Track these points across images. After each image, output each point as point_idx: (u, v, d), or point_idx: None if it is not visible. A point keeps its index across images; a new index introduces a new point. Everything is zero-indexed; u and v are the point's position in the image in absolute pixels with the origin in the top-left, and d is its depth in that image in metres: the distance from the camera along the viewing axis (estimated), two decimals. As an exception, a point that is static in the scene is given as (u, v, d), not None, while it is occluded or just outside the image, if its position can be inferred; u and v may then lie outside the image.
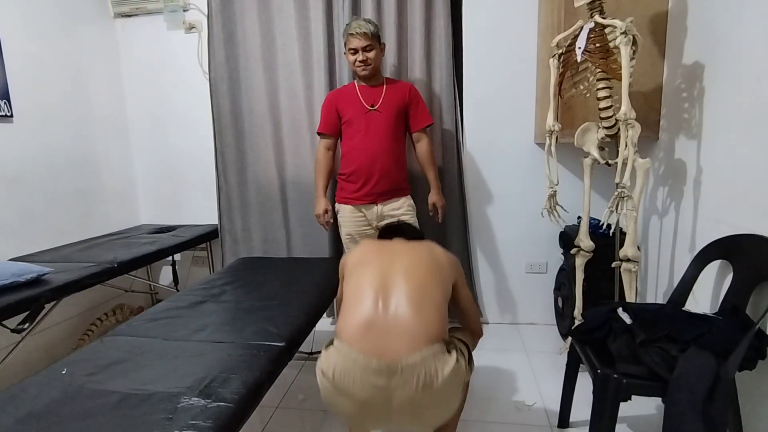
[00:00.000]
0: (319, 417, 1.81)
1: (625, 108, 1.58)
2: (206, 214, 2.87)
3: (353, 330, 1.12)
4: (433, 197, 2.18)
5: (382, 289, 1.17)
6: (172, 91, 2.82)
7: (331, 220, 2.20)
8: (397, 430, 1.62)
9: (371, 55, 2.01)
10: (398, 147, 2.13)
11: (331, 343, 1.18)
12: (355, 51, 2.00)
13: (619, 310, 1.46)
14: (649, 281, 2.15)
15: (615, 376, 1.28)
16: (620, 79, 1.60)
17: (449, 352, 1.12)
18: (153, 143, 2.91)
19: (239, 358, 1.23)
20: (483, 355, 2.25)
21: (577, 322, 1.98)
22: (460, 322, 1.43)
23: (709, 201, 1.65)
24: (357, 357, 1.08)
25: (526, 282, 2.58)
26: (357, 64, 2.02)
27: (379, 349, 1.08)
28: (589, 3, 1.68)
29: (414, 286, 1.16)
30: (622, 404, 1.28)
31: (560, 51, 1.84)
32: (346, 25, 2.05)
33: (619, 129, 1.65)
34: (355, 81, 2.15)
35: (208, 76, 2.61)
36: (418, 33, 2.36)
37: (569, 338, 1.67)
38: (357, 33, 1.96)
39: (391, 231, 1.49)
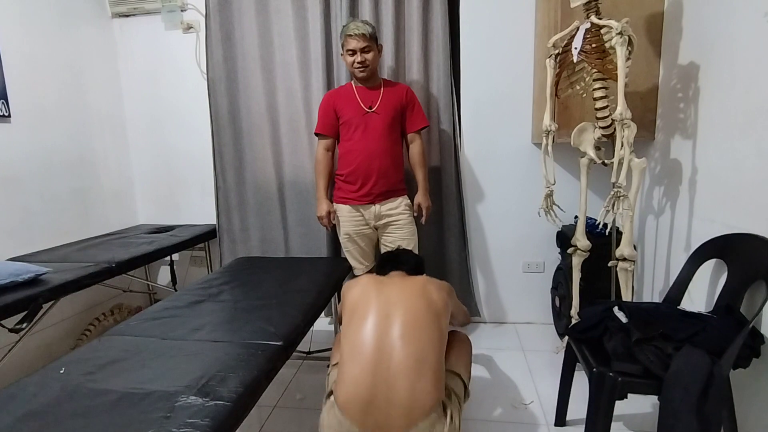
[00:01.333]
0: (317, 416, 1.81)
1: (621, 108, 1.59)
2: (204, 214, 2.87)
3: (350, 399, 1.14)
4: (420, 198, 2.18)
5: (379, 352, 1.17)
6: (169, 91, 2.82)
7: (334, 221, 2.20)
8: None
9: (369, 56, 2.01)
10: (396, 148, 2.14)
11: (330, 395, 1.23)
12: (353, 52, 2.00)
13: (615, 309, 1.47)
14: (645, 280, 2.16)
15: (611, 374, 1.29)
16: (616, 80, 1.61)
17: (444, 413, 1.15)
18: (151, 143, 2.91)
19: (237, 357, 1.23)
20: (480, 354, 2.27)
21: (573, 321, 1.99)
22: (452, 321, 1.45)
23: (704, 201, 1.66)
24: (352, 430, 1.13)
25: (523, 281, 2.59)
26: (355, 65, 2.02)
27: (375, 425, 1.12)
28: (585, 4, 1.69)
29: (412, 352, 1.16)
30: (617, 402, 1.29)
31: (557, 51, 1.85)
32: (344, 26, 2.05)
33: (615, 129, 1.66)
34: (353, 82, 2.15)
35: (206, 76, 2.62)
36: (415, 34, 2.36)
37: (566, 337, 1.69)
38: (355, 34, 1.97)
39: (390, 262, 1.53)
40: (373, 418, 1.12)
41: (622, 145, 1.62)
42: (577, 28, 1.74)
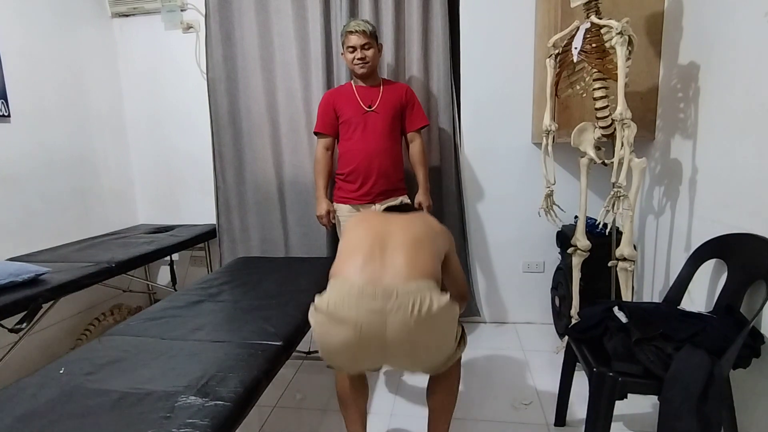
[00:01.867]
0: (317, 416, 1.82)
1: (621, 108, 1.59)
2: (204, 214, 2.87)
3: (348, 266, 1.17)
4: (420, 197, 2.19)
5: (378, 240, 1.20)
6: (169, 91, 2.82)
7: (333, 221, 2.20)
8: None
9: (369, 53, 2.02)
10: (395, 147, 2.14)
11: (323, 290, 1.21)
12: (354, 49, 2.01)
13: (615, 309, 1.47)
14: (645, 280, 2.16)
15: (611, 374, 1.29)
16: (616, 79, 1.61)
17: (443, 292, 1.17)
18: (151, 143, 2.91)
19: (237, 357, 1.23)
20: (480, 353, 2.27)
21: (573, 321, 1.99)
22: (449, 288, 1.39)
23: (705, 200, 1.66)
24: (353, 284, 1.12)
25: (523, 281, 2.59)
26: (355, 61, 2.02)
27: (375, 279, 1.12)
28: (586, 3, 1.69)
29: (409, 237, 1.21)
30: (617, 402, 1.29)
31: (557, 51, 1.85)
32: (344, 25, 2.06)
33: (615, 129, 1.66)
34: (352, 81, 2.15)
35: (205, 76, 2.61)
36: (415, 33, 2.36)
37: (566, 337, 1.68)
38: (356, 31, 1.98)
39: (394, 209, 1.52)
40: (372, 275, 1.13)
41: (622, 145, 1.62)
42: (577, 28, 1.74)
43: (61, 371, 1.19)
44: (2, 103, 2.15)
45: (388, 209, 1.52)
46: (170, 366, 1.20)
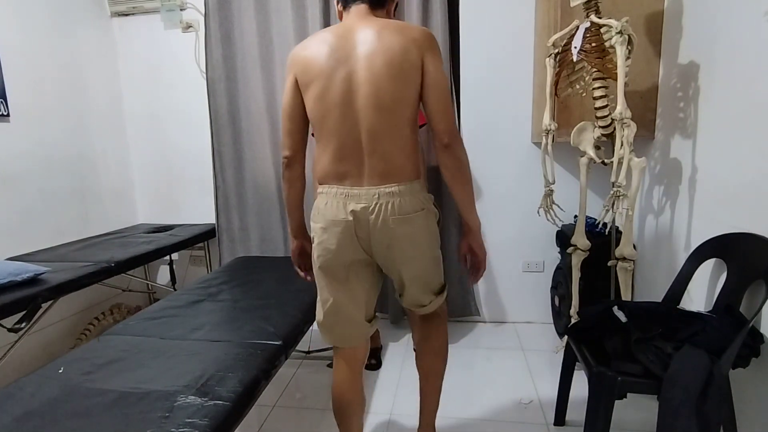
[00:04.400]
0: (316, 415, 1.82)
1: (621, 107, 1.58)
2: (204, 214, 2.87)
3: (332, 177, 1.21)
4: None
5: (351, 127, 1.16)
6: (169, 90, 2.81)
7: None
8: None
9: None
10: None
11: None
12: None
13: (615, 309, 1.47)
14: (645, 279, 2.16)
15: (610, 374, 1.29)
16: (616, 79, 1.61)
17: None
18: (150, 142, 2.90)
19: (236, 357, 1.23)
20: (480, 353, 2.27)
21: (573, 321, 1.99)
22: (428, 112, 1.21)
23: (704, 200, 1.66)
24: (338, 190, 1.19)
25: (523, 281, 2.59)
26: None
27: (358, 185, 1.18)
28: (585, 2, 1.69)
29: (383, 121, 1.15)
30: (617, 402, 1.29)
31: (556, 50, 1.85)
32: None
33: (614, 128, 1.66)
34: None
35: (205, 75, 2.61)
36: (415, 32, 2.36)
37: (565, 336, 1.68)
38: None
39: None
40: (356, 181, 1.18)
41: (621, 145, 1.62)
42: (577, 27, 1.73)
43: (61, 371, 1.19)
44: (1, 102, 2.15)
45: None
46: (169, 365, 1.20)
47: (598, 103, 1.72)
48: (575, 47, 1.71)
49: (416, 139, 1.25)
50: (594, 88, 1.72)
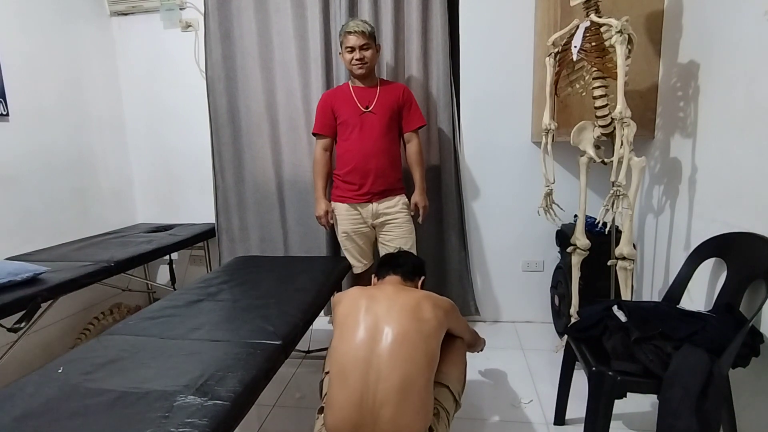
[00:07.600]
0: (315, 415, 1.81)
1: (621, 107, 1.58)
2: (203, 213, 2.87)
3: (337, 425, 1.17)
4: (417, 197, 2.18)
5: (366, 377, 1.16)
6: (168, 90, 2.81)
7: (332, 221, 2.20)
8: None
9: (368, 53, 2.02)
10: (393, 147, 2.13)
11: (321, 410, 1.28)
12: (352, 49, 2.00)
13: (615, 308, 1.46)
14: (645, 279, 2.16)
15: (610, 373, 1.29)
16: (616, 78, 1.61)
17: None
18: (150, 142, 2.90)
19: (236, 357, 1.23)
20: (480, 353, 2.26)
21: (573, 320, 1.99)
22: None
23: (704, 199, 1.66)
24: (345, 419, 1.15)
25: (522, 280, 2.59)
26: (354, 62, 2.02)
27: (363, 424, 1.14)
28: (585, 2, 1.69)
29: (398, 376, 1.15)
30: (617, 401, 1.29)
31: (556, 50, 1.85)
32: (343, 25, 2.06)
33: (614, 128, 1.66)
34: (350, 81, 2.15)
35: (204, 75, 2.61)
36: (414, 32, 2.36)
37: (565, 336, 1.68)
38: (354, 31, 1.97)
39: (386, 264, 1.50)
40: (359, 417, 1.14)
41: (621, 144, 1.62)
42: (577, 27, 1.73)
43: (60, 370, 1.19)
44: (1, 102, 2.14)
45: (387, 261, 1.51)
46: (169, 365, 1.20)
47: (598, 103, 1.72)
48: (575, 46, 1.71)
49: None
50: (594, 88, 1.72)
